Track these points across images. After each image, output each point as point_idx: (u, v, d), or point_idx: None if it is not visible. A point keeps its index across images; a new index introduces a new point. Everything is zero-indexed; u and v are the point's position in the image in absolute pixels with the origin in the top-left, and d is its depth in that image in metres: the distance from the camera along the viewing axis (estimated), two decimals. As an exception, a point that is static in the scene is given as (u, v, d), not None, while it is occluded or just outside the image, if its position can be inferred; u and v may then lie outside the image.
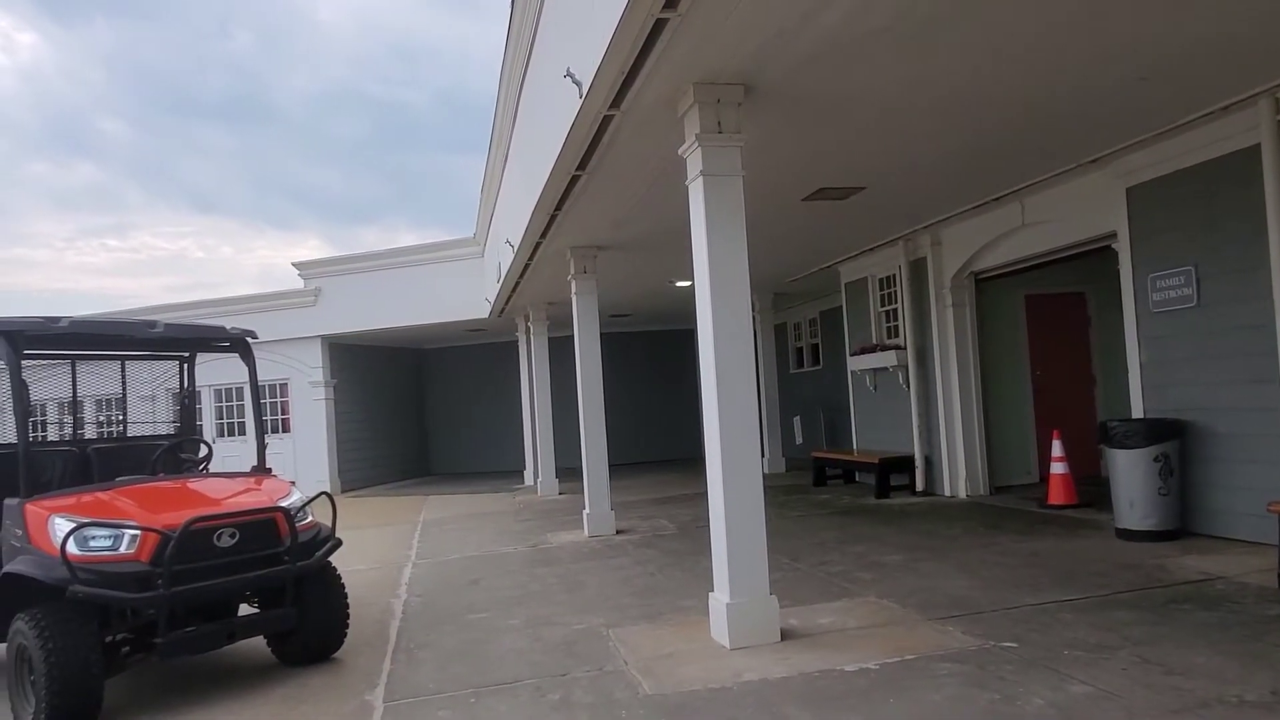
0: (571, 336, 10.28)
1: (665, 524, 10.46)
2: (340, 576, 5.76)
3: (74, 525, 4.72)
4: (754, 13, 4.35)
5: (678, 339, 20.35)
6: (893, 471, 11.39)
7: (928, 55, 5.16)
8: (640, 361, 20.15)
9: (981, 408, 10.72)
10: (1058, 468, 9.31)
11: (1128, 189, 7.77)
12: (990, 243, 9.98)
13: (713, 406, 5.28)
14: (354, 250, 24.25)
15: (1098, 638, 4.88)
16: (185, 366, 6.87)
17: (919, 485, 11.21)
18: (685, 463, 18.83)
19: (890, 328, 12.09)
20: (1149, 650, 4.62)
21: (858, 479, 12.99)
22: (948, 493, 10.83)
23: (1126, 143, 7.26)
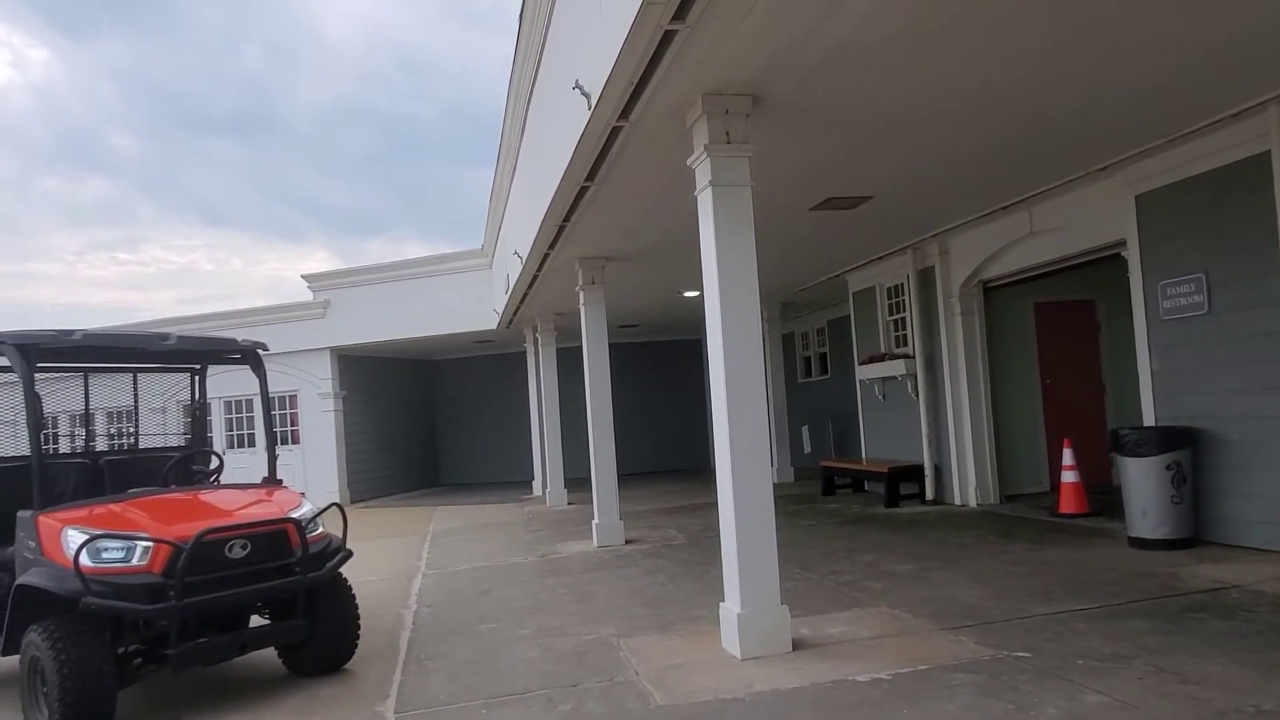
0: (580, 347, 10.30)
1: (674, 534, 10.44)
2: (351, 588, 5.77)
3: (87, 537, 4.74)
4: (763, 24, 4.37)
5: (686, 349, 20.36)
6: (902, 480, 11.36)
7: (936, 64, 5.17)
8: (648, 371, 20.15)
9: (991, 416, 10.69)
10: (1069, 476, 9.27)
11: (1137, 196, 7.75)
12: (998, 251, 9.97)
13: (722, 417, 5.27)
14: (362, 262, 24.32)
15: (1112, 647, 4.85)
16: (197, 378, 6.91)
17: (929, 494, 11.17)
18: (694, 472, 18.80)
19: (899, 336, 12.07)
20: (1164, 660, 4.59)
21: (867, 488, 12.95)
22: (958, 501, 10.78)
23: (1136, 150, 7.25)
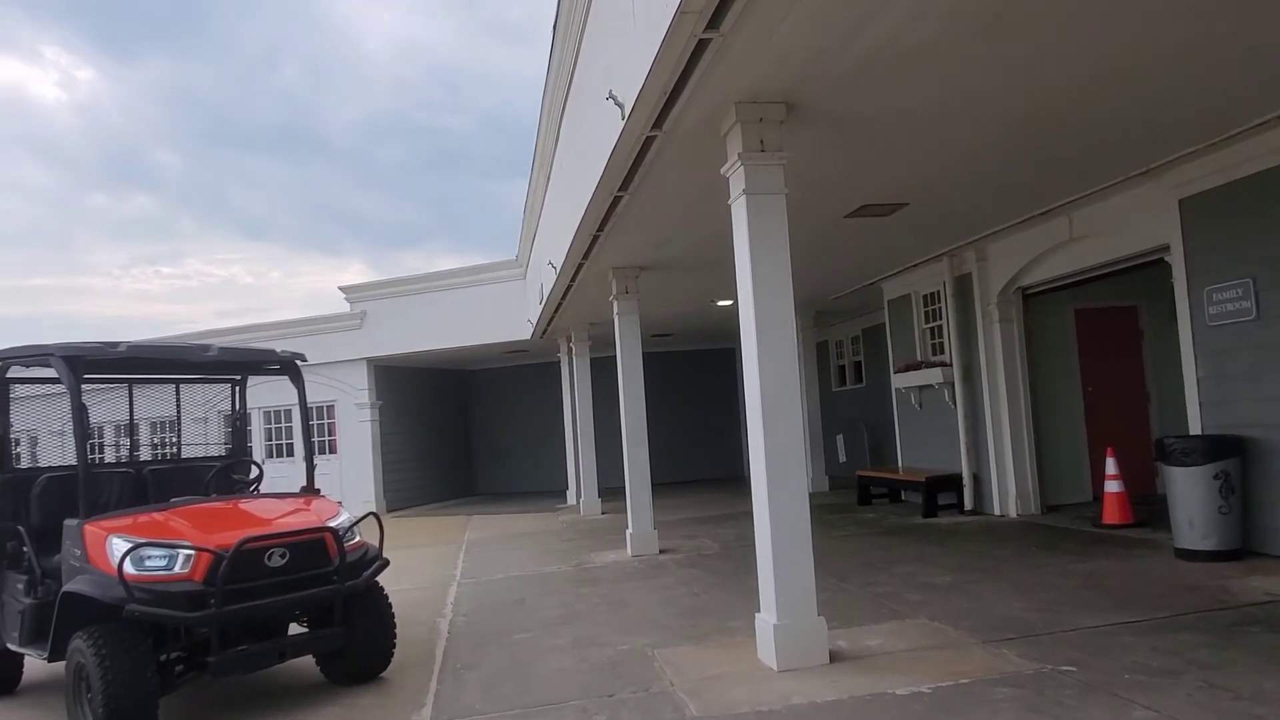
0: (613, 357, 10.30)
1: (709, 543, 10.39)
2: (387, 596, 5.80)
3: (131, 545, 4.81)
4: (797, 31, 4.35)
5: (720, 357, 20.30)
6: (940, 490, 11.21)
7: (973, 69, 5.11)
8: (682, 380, 20.11)
9: (1032, 425, 10.51)
10: (1112, 486, 9.08)
11: (1181, 200, 7.59)
12: (1038, 257, 9.81)
13: (757, 426, 5.23)
14: (397, 274, 24.58)
15: (1160, 661, 4.73)
16: (237, 389, 7.01)
17: (968, 504, 11.01)
18: (728, 482, 18.71)
19: (935, 344, 11.93)
20: (1215, 675, 4.46)
21: (904, 498, 12.79)
22: (998, 512, 10.61)
23: (1179, 153, 7.10)
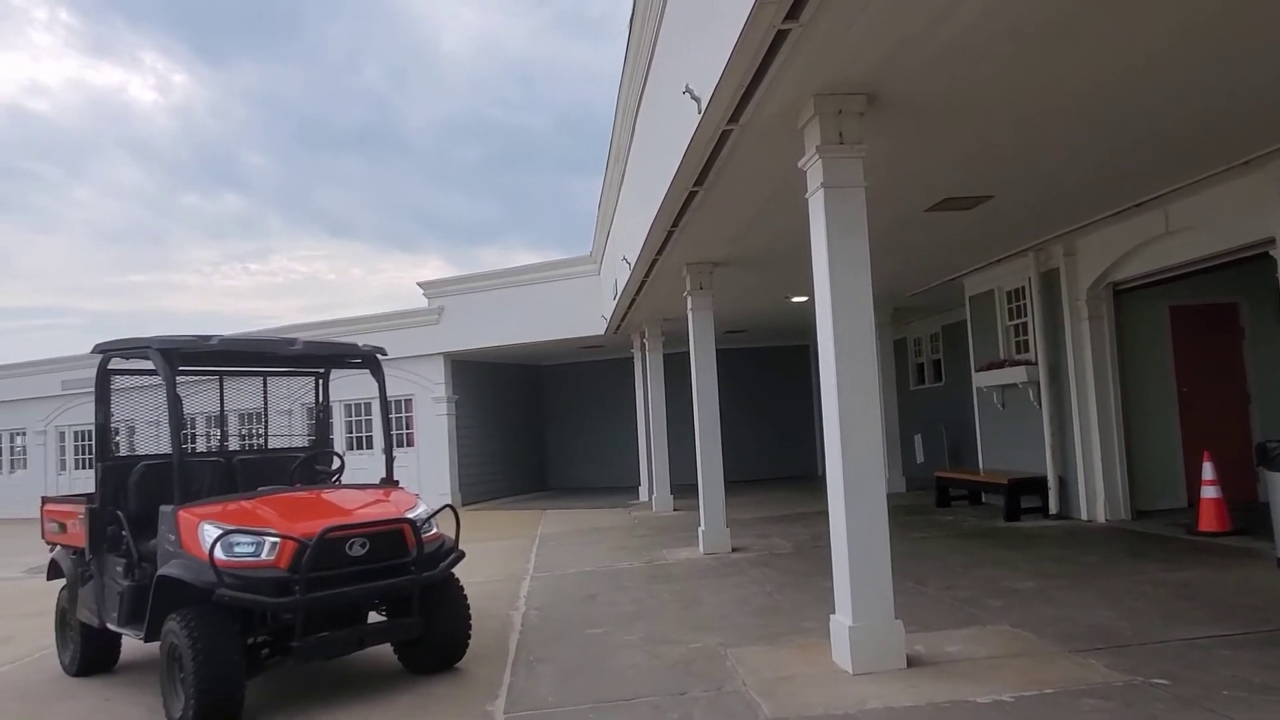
0: (687, 353, 10.27)
1: (782, 543, 10.27)
2: (463, 588, 5.89)
3: (221, 532, 4.99)
4: (878, 20, 4.24)
5: (794, 354, 20.07)
6: (1023, 493, 10.86)
7: (1064, 54, 4.91)
8: (756, 377, 19.95)
9: (1122, 426, 10.09)
10: (1209, 491, 8.65)
11: (1288, 191, 7.18)
12: (1130, 251, 9.41)
13: (834, 425, 5.14)
14: (474, 270, 24.99)
15: (1262, 677, 4.48)
16: (320, 382, 7.21)
17: (1052, 508, 10.64)
18: (802, 480, 18.49)
19: (1019, 342, 11.56)
20: (1324, 695, 4.20)
21: (984, 500, 12.44)
22: (1084, 516, 10.22)
23: (1286, 142, 6.72)
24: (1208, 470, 8.67)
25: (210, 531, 5.02)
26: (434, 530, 5.80)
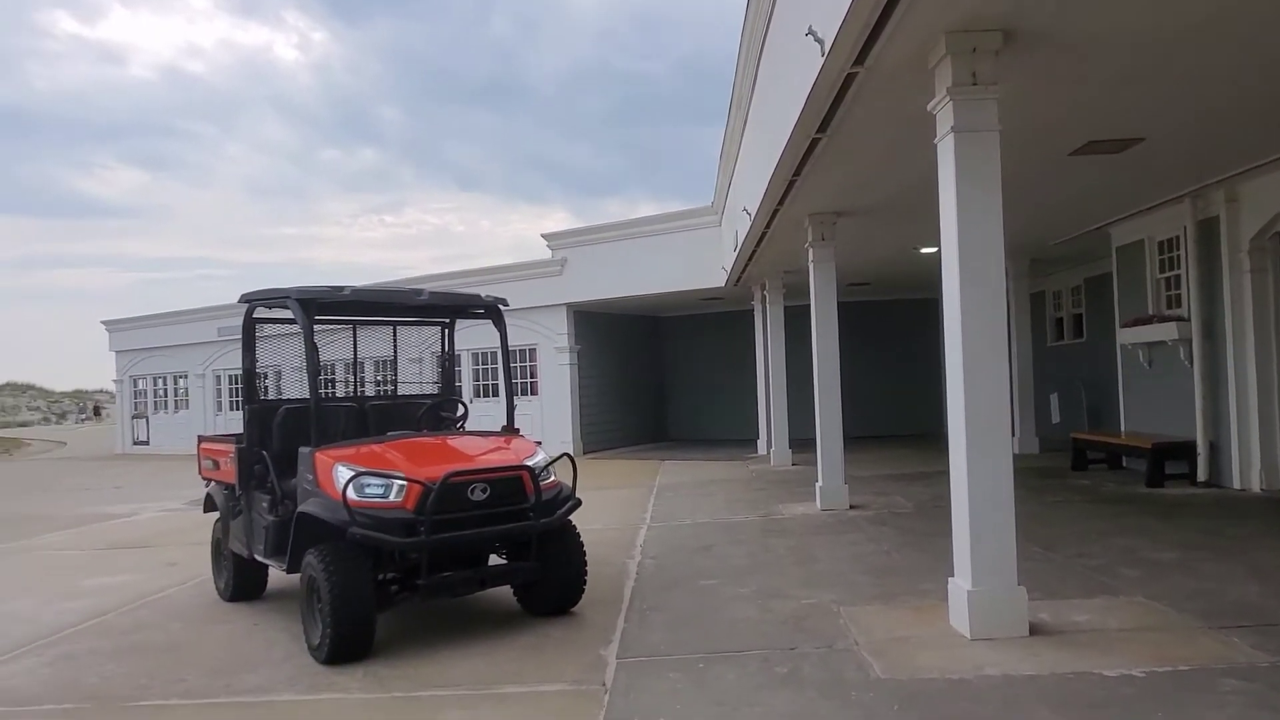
0: (808, 305, 10.06)
1: (901, 501, 10.04)
2: (579, 535, 6.03)
3: (353, 474, 5.27)
4: (1016, -51, 3.94)
5: (920, 308, 19.36)
6: (1168, 458, 10.20)
7: (1230, -20, 4.45)
8: (879, 331, 19.40)
9: (1285, 389, 9.29)
10: (1386, 462, 7.89)
11: None
12: (1304, 198, 8.55)
13: (958, 381, 4.94)
14: (598, 221, 25.24)
15: None
16: (446, 331, 7.45)
17: (1200, 475, 9.95)
18: (925, 438, 17.96)
19: (1170, 296, 10.76)
20: None
21: (1125, 465, 11.76)
22: (1237, 485, 9.52)
23: None
24: (1385, 439, 7.90)
25: (343, 473, 5.31)
26: (552, 478, 5.94)
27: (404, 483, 5.28)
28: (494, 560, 6.08)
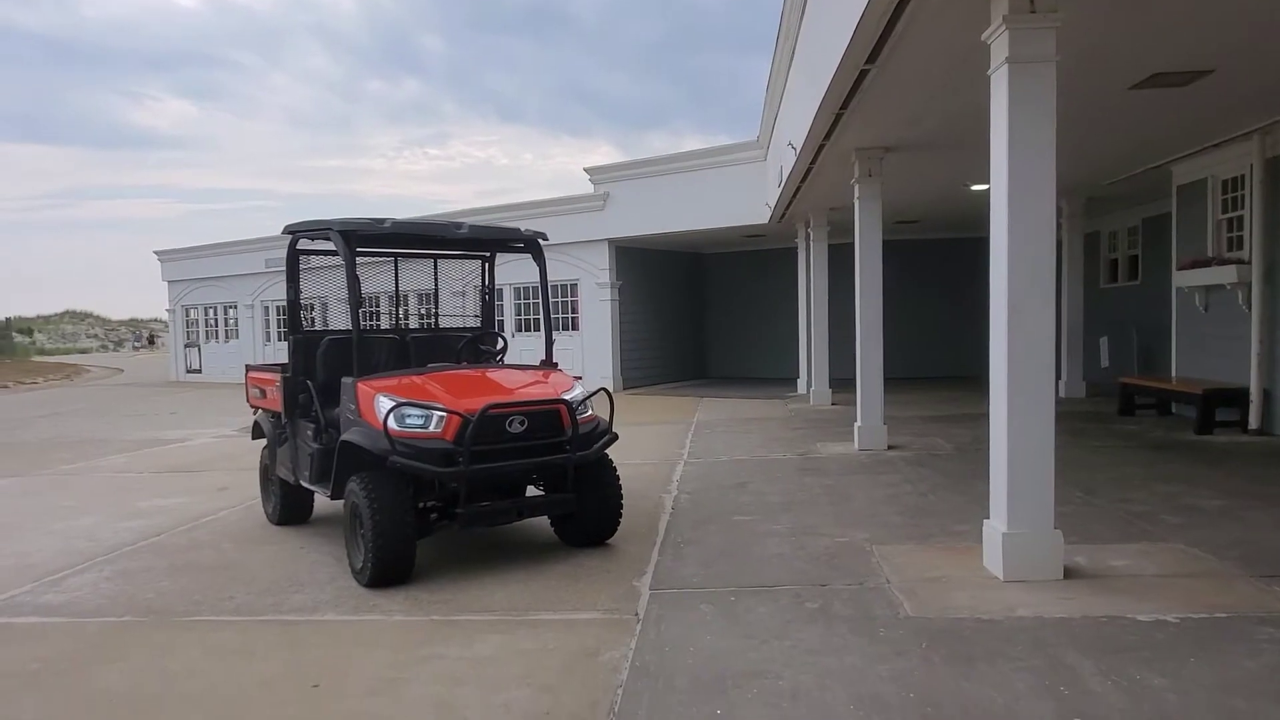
0: (852, 243, 9.89)
1: (941, 443, 9.97)
2: (615, 469, 6.10)
3: (394, 404, 5.37)
4: None
5: (969, 248, 18.75)
6: (1220, 405, 9.95)
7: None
8: (926, 271, 19.02)
9: (1348, 336, 8.97)
10: None
11: None
12: (1382, 135, 8.13)
13: (1001, 319, 4.85)
14: (643, 155, 24.93)
15: None
16: (486, 265, 7.47)
17: (1252, 423, 9.71)
18: (968, 380, 17.70)
19: (1232, 238, 10.37)
20: None
21: (1174, 411, 11.52)
22: (1291, 433, 9.30)
23: None
24: None
25: (385, 403, 5.41)
26: (589, 412, 6.00)
27: (443, 414, 5.37)
28: (532, 492, 6.19)
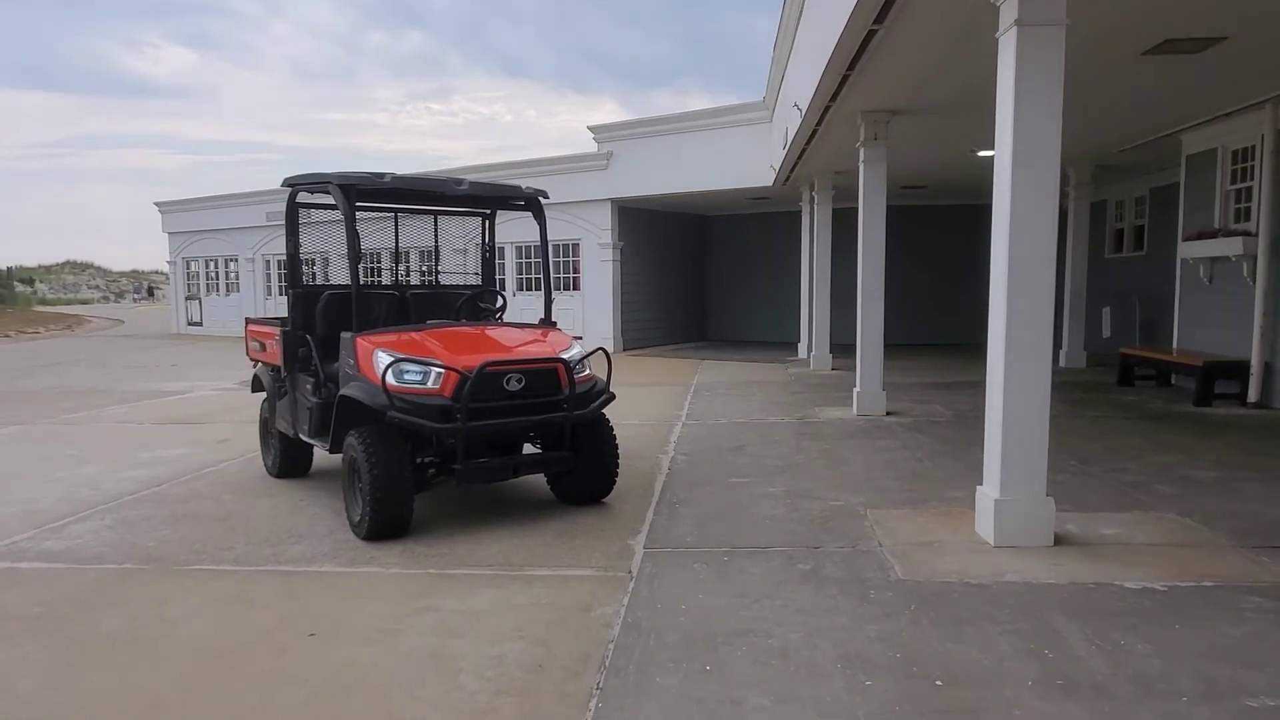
0: (857, 208, 9.83)
1: (940, 410, 10.00)
2: (612, 429, 6.12)
3: (392, 359, 5.38)
4: None
5: (975, 214, 18.67)
6: (1219, 377, 9.96)
7: None
8: (932, 237, 18.93)
9: (1351, 311, 8.94)
10: None
11: None
12: (1395, 107, 8.03)
13: (1001, 286, 4.84)
14: (648, 113, 24.63)
15: None
16: (487, 223, 7.44)
17: (1251, 395, 9.72)
18: (970, 348, 17.66)
19: (1240, 210, 10.29)
20: None
21: (1173, 382, 11.53)
22: (1289, 407, 9.31)
23: None
24: None
25: (383, 359, 5.42)
26: (587, 371, 6.01)
27: (441, 370, 5.38)
28: (529, 450, 6.22)
